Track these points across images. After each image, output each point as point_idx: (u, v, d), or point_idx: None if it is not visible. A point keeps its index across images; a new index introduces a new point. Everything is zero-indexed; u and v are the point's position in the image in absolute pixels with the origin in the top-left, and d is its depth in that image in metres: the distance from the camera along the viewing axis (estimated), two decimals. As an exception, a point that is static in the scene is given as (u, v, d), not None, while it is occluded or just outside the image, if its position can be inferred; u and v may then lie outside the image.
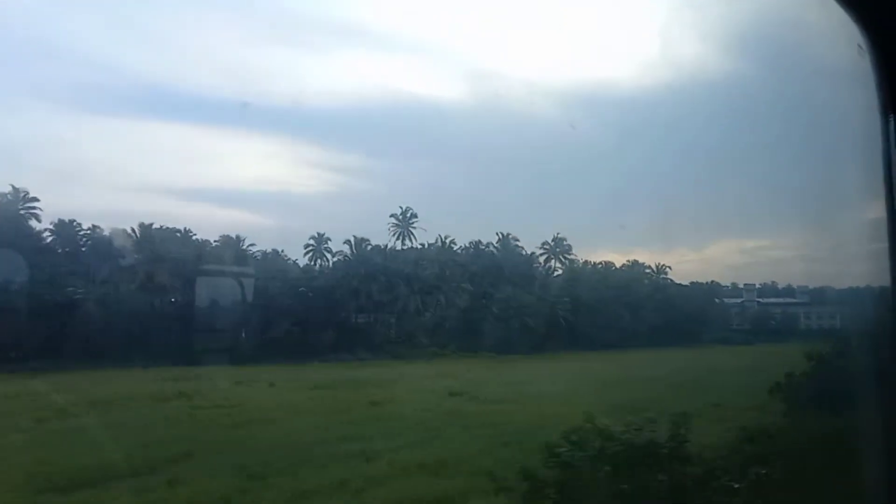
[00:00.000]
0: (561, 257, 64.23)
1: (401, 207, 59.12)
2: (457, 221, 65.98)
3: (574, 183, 64.44)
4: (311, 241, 56.46)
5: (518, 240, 60.92)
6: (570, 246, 62.96)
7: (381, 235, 60.36)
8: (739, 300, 74.07)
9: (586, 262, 65.74)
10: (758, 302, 73.64)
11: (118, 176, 63.89)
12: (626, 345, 50.77)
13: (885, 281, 3.20)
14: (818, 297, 64.15)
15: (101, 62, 71.50)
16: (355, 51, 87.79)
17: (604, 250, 74.44)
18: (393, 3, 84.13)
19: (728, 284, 78.49)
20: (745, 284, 74.77)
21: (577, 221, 64.23)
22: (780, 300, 71.97)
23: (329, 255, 56.68)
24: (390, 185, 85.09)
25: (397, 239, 60.80)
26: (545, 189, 66.57)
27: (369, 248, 55.51)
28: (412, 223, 59.67)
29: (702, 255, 69.07)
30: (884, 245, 3.14)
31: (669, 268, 67.31)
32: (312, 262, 56.51)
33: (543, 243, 62.76)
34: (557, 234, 62.63)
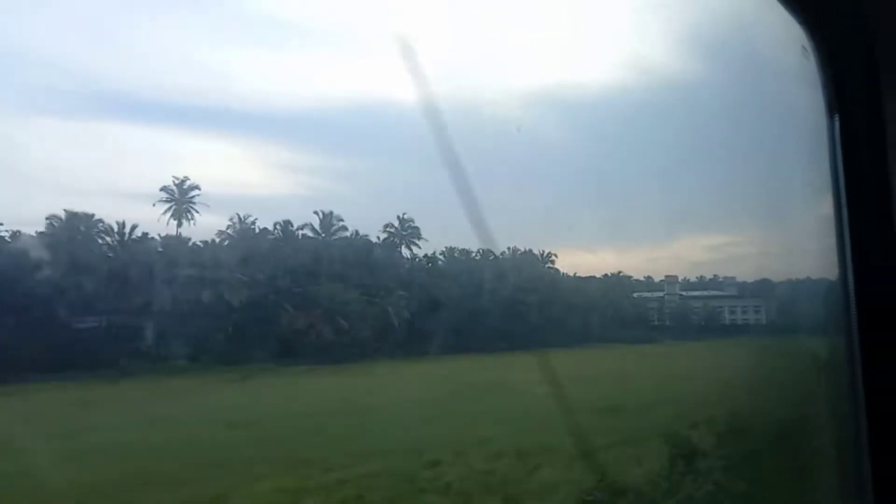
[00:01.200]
0: (409, 243, 56.33)
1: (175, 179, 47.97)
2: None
3: (529, 183, 64.80)
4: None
5: (342, 219, 51.34)
6: (418, 229, 55.06)
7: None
8: (660, 294, 68.57)
9: (451, 249, 56.44)
10: (680, 296, 68.79)
11: (79, 181, 60.98)
12: (489, 348, 45.50)
13: (832, 275, 3.30)
14: (750, 290, 64.16)
15: (52, 62, 68.53)
16: (318, 51, 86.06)
17: (568, 249, 75.01)
18: (357, 4, 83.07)
19: (642, 278, 76.41)
20: (666, 276, 71.71)
21: (535, 222, 64.41)
22: (707, 293, 67.71)
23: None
24: (354, 186, 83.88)
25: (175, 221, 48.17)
26: (501, 189, 66.70)
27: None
28: (192, 197, 47.73)
29: (666, 251, 70.25)
30: (831, 240, 3.24)
31: (556, 256, 61.06)
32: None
33: (386, 226, 53.37)
34: (403, 214, 55.20)
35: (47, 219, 44.37)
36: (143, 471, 15.95)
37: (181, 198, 46.92)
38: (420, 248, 56.28)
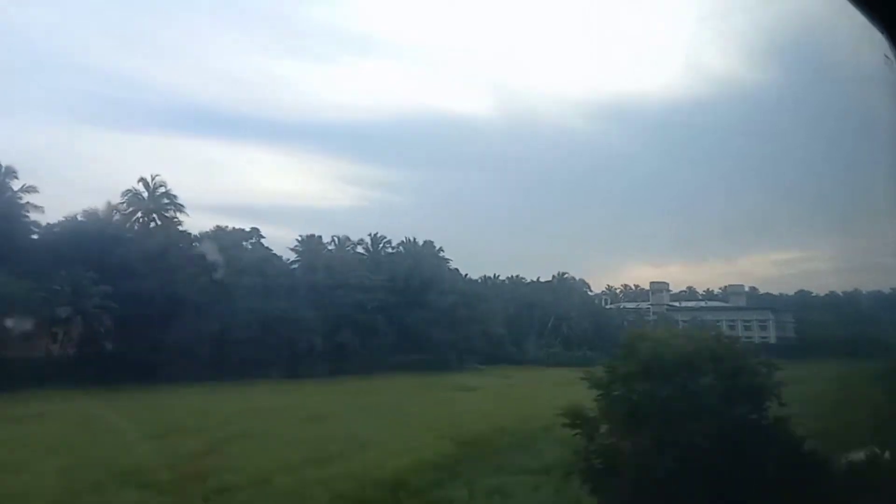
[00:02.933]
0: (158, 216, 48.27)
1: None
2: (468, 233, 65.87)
3: (597, 194, 64.11)
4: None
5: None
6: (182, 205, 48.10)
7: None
8: (645, 304, 64.50)
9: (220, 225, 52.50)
10: (668, 307, 63.86)
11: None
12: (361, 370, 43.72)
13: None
14: (763, 302, 58.93)
15: (122, 77, 73.02)
16: (377, 62, 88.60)
17: (634, 263, 73.29)
18: (415, 17, 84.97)
19: (618, 288, 71.74)
20: (651, 283, 67.53)
21: (601, 234, 63.59)
22: (704, 304, 63.00)
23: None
24: (417, 197, 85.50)
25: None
26: (565, 200, 66.22)
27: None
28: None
29: (735, 266, 67.54)
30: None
31: (445, 258, 61.25)
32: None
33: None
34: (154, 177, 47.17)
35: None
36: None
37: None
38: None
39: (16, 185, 41.59)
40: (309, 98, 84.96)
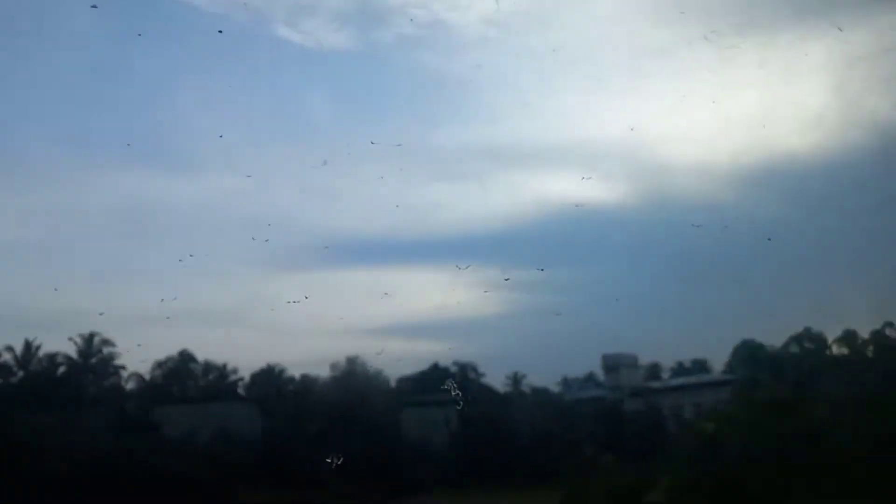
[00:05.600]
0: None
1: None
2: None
3: (755, 271, 59.59)
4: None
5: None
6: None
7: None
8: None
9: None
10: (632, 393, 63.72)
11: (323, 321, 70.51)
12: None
13: None
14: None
15: (296, 223, 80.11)
16: (506, 171, 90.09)
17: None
18: (535, 118, 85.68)
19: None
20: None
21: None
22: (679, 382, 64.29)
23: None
24: (562, 296, 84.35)
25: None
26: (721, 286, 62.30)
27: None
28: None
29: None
30: None
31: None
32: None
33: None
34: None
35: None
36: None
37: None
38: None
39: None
40: (457, 216, 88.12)
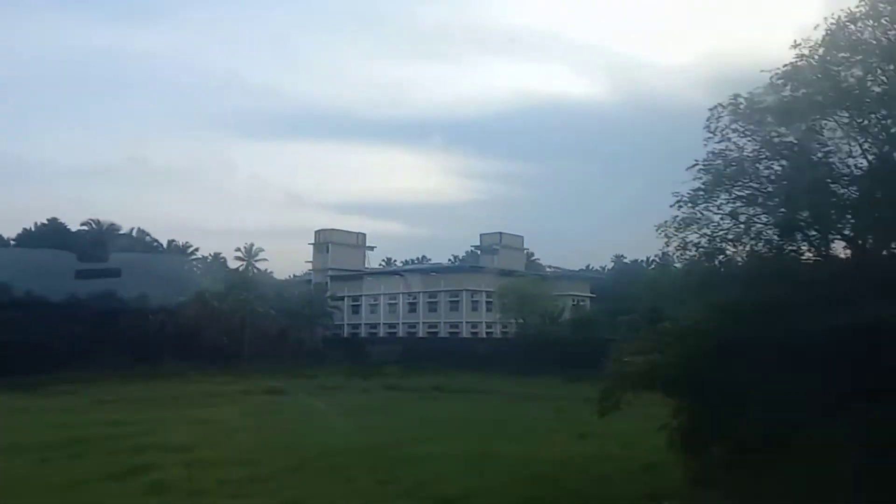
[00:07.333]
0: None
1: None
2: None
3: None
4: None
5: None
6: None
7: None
8: None
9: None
10: None
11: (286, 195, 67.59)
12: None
13: None
14: None
15: (259, 87, 75.49)
16: (486, 57, 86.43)
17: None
18: (521, 5, 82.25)
19: None
20: None
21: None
22: None
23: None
24: (538, 189, 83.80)
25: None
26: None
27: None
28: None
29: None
30: None
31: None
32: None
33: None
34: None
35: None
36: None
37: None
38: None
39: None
40: (432, 96, 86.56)
